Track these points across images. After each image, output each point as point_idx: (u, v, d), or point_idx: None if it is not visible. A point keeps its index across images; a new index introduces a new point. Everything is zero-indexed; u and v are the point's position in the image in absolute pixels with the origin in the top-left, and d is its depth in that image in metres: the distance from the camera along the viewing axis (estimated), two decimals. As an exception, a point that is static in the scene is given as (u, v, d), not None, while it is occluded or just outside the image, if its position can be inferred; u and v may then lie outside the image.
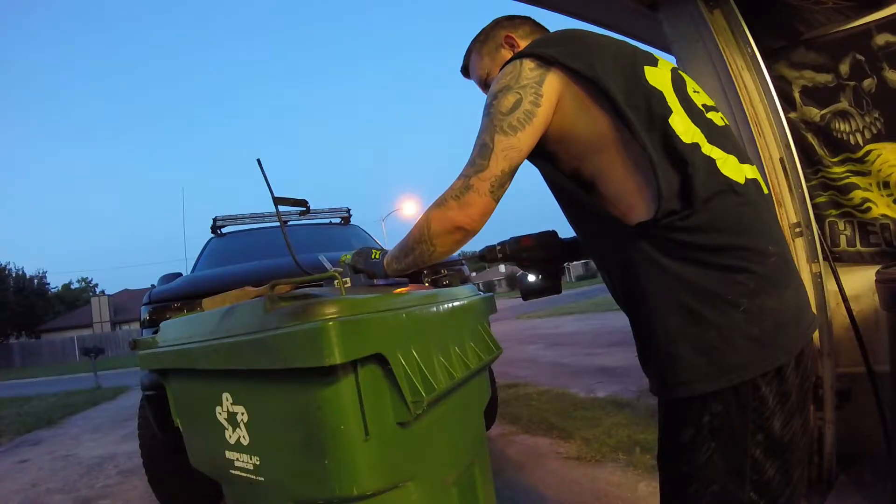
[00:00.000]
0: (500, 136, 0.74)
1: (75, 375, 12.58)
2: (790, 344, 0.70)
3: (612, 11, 2.10)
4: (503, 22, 0.98)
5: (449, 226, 0.77)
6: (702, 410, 0.68)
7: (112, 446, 3.87)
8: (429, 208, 0.79)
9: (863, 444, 1.73)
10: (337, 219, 3.85)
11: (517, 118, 0.74)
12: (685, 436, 0.70)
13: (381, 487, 0.68)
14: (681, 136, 0.70)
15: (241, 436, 0.78)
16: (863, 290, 1.73)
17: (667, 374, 0.70)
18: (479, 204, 0.75)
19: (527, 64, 0.76)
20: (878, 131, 1.74)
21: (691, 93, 0.79)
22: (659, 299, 0.70)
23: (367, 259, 0.95)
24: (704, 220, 0.68)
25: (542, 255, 1.04)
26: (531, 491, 2.08)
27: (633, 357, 3.04)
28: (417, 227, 0.81)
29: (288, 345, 0.63)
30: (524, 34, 0.95)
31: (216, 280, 2.11)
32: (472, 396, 1.00)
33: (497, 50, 0.96)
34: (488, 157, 0.74)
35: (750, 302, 0.67)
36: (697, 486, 0.70)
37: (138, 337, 1.09)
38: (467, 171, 0.76)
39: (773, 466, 0.70)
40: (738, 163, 0.74)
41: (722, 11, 1.79)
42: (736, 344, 0.67)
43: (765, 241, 0.71)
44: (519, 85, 0.75)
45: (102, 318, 29.24)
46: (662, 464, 0.77)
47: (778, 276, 0.70)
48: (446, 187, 0.78)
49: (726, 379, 0.66)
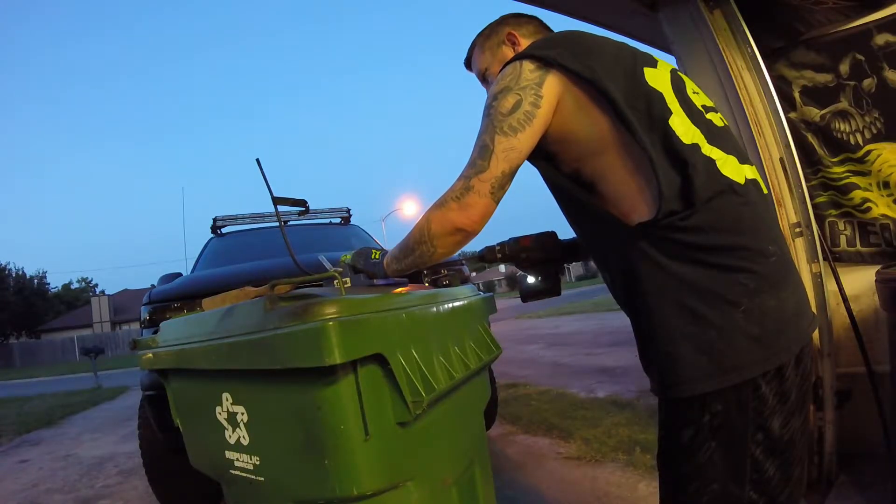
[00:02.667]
0: (500, 136, 0.74)
1: (75, 375, 12.58)
2: (790, 343, 0.70)
3: (612, 11, 2.10)
4: (509, 19, 0.98)
5: (449, 227, 0.77)
6: (702, 410, 0.68)
7: (112, 446, 3.87)
8: (429, 209, 0.79)
9: (863, 444, 1.72)
10: (337, 219, 3.85)
11: (517, 119, 0.74)
12: (686, 435, 0.70)
13: (381, 487, 0.68)
14: (681, 137, 0.70)
15: (241, 436, 0.78)
16: (863, 290, 1.73)
17: (667, 374, 0.70)
18: (480, 205, 0.75)
19: (527, 65, 0.76)
20: (878, 131, 1.74)
21: (691, 94, 0.79)
22: (660, 299, 0.70)
23: (366, 259, 0.95)
24: (705, 221, 0.68)
25: (541, 256, 1.04)
26: (531, 491, 2.08)
27: (633, 357, 3.03)
28: (418, 227, 0.81)
29: (288, 345, 0.63)
30: (528, 33, 0.95)
31: (216, 280, 2.11)
32: (472, 396, 1.00)
33: (499, 46, 0.96)
34: (488, 158, 0.74)
35: (750, 302, 0.67)
36: (697, 485, 0.70)
37: (138, 337, 1.09)
38: (467, 172, 0.76)
39: (772, 465, 0.71)
40: (738, 163, 0.74)
41: (722, 11, 1.79)
42: (736, 344, 0.67)
43: (765, 240, 0.71)
44: (519, 86, 0.75)
45: (102, 318, 29.25)
46: (662, 463, 0.77)
47: (778, 275, 0.70)
48: (447, 188, 0.78)
49: (727, 378, 0.67)
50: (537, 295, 1.09)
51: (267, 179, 0.98)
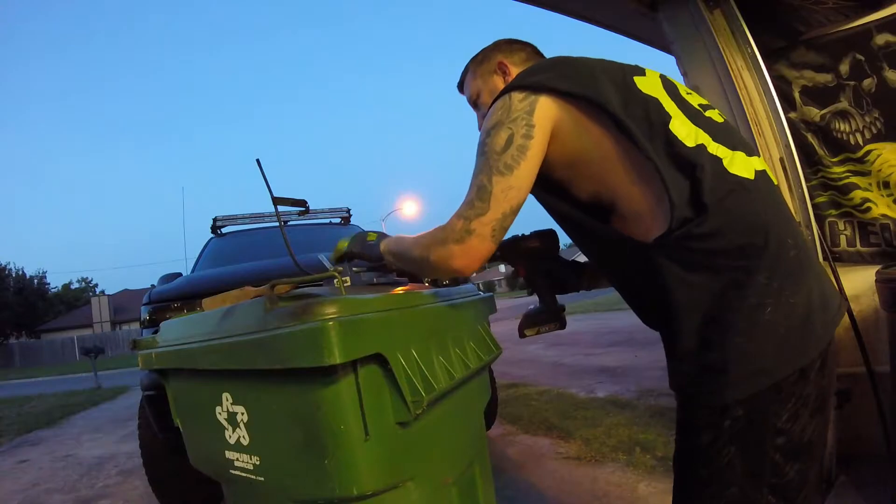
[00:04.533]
0: (497, 176, 0.72)
1: (75, 375, 12.58)
2: (817, 337, 0.69)
3: (612, 11, 2.10)
4: (502, 45, 0.98)
5: (447, 268, 0.76)
6: (723, 415, 0.67)
7: (112, 446, 3.87)
8: (430, 243, 0.77)
9: (863, 445, 1.72)
10: (337, 219, 3.85)
11: (511, 156, 0.72)
12: (705, 439, 0.69)
13: (381, 487, 0.68)
14: (684, 141, 0.70)
15: (240, 436, 0.78)
16: (863, 290, 1.73)
17: (697, 383, 0.69)
18: (482, 249, 0.73)
19: (516, 96, 0.75)
20: (877, 131, 1.74)
21: (685, 95, 0.79)
22: (688, 312, 0.69)
23: (363, 242, 0.94)
24: (720, 223, 0.67)
25: (540, 249, 1.00)
26: (531, 491, 2.08)
27: (633, 357, 3.06)
28: (419, 251, 0.79)
29: (288, 345, 0.63)
30: (519, 61, 0.95)
31: (216, 280, 2.11)
32: (472, 396, 1.00)
33: (490, 74, 0.96)
34: (488, 200, 0.72)
35: (776, 301, 0.66)
36: (714, 488, 0.69)
37: (138, 337, 1.09)
38: (467, 213, 0.73)
39: (792, 469, 0.69)
40: (745, 157, 0.73)
41: (722, 11, 1.79)
42: (764, 346, 0.66)
43: (782, 234, 0.70)
44: (510, 119, 0.74)
45: (102, 318, 29.26)
46: (679, 465, 0.76)
47: (800, 269, 0.70)
48: (445, 222, 0.76)
49: (754, 384, 0.66)
50: (536, 324, 0.99)
51: (267, 180, 0.98)
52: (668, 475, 0.82)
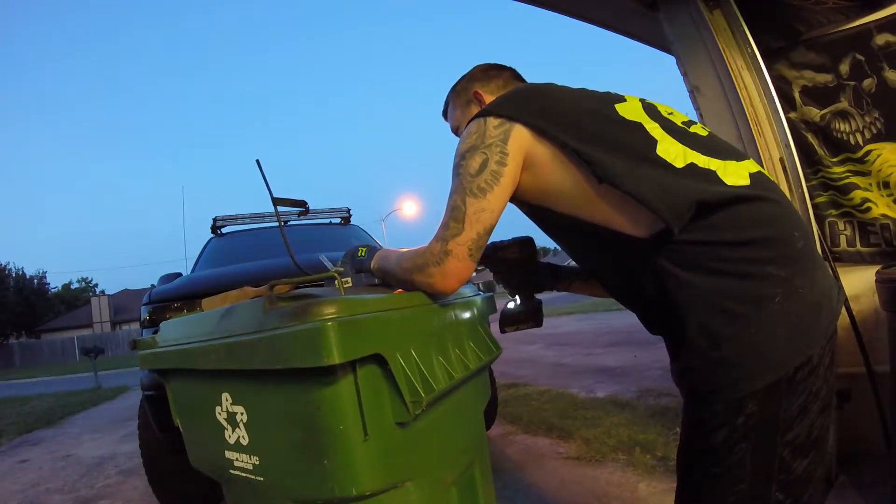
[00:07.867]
0: (471, 198, 0.74)
1: (75, 375, 12.58)
2: (825, 325, 0.69)
3: (612, 11, 2.10)
4: (477, 74, 0.99)
5: (431, 290, 0.80)
6: (738, 411, 0.67)
7: (112, 446, 3.87)
8: (411, 268, 0.79)
9: (863, 444, 1.72)
10: (337, 219, 3.85)
11: (484, 180, 0.74)
12: (718, 437, 0.69)
13: (381, 487, 0.68)
14: (672, 163, 0.71)
15: (240, 436, 0.78)
16: (863, 290, 1.73)
17: (710, 379, 0.70)
18: (460, 269, 0.76)
19: (491, 122, 0.76)
20: (878, 131, 1.74)
21: (667, 115, 0.79)
22: (695, 310, 0.69)
23: (353, 258, 0.96)
24: (721, 225, 0.68)
25: (518, 258, 1.03)
26: (531, 491, 2.08)
27: (633, 357, 3.06)
28: (402, 274, 0.81)
29: (287, 345, 0.63)
30: (495, 88, 0.96)
31: (216, 280, 2.11)
32: (472, 396, 1.00)
33: (468, 105, 0.98)
34: (462, 221, 0.75)
35: (786, 290, 0.67)
36: (724, 486, 0.69)
37: (138, 337, 1.09)
38: (444, 235, 0.76)
39: (799, 465, 0.70)
40: (736, 164, 0.74)
41: (722, 11, 1.79)
42: (777, 337, 0.66)
43: (789, 226, 0.71)
44: (485, 144, 0.75)
45: (102, 318, 29.28)
46: (687, 464, 0.75)
47: (807, 260, 0.70)
48: (424, 246, 0.79)
49: (767, 375, 0.66)
50: (515, 322, 1.07)
51: (267, 180, 0.98)
52: (669, 475, 0.82)
